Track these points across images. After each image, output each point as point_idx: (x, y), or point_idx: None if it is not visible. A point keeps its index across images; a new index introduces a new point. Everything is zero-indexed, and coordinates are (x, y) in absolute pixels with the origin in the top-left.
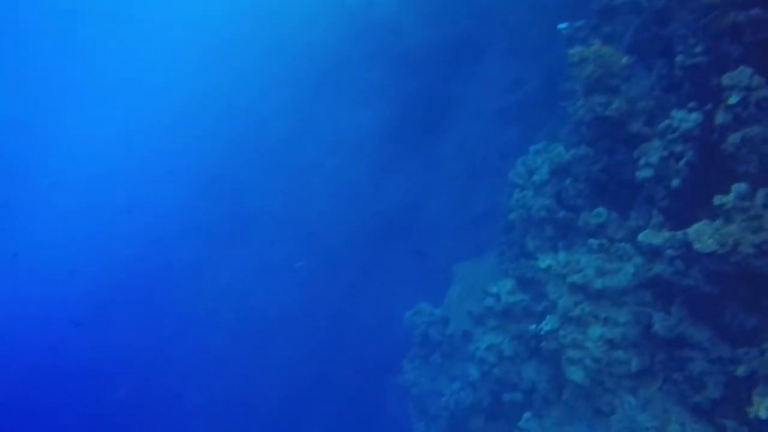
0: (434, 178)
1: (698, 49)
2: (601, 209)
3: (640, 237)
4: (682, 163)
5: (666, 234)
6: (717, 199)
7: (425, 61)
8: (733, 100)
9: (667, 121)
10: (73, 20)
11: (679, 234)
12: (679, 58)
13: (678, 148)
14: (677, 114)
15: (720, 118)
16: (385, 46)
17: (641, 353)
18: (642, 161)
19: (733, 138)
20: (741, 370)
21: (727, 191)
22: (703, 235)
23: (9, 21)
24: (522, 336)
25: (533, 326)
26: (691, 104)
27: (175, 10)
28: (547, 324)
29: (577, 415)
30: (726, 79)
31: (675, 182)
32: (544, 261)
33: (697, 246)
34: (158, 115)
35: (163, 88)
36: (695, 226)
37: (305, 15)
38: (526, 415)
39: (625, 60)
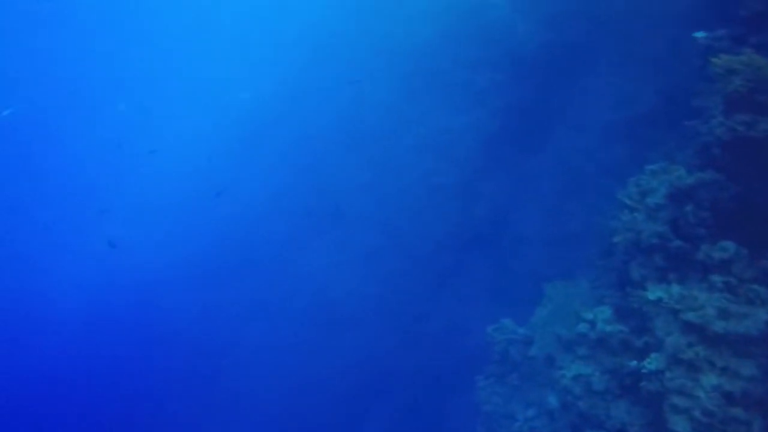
0: (527, 192)
1: None
2: (728, 243)
3: None
4: None
5: None
6: None
7: (532, 68)
8: None
9: None
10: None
11: None
12: None
13: None
14: None
15: None
16: (492, 51)
17: (767, 415)
18: None
19: None
20: None
21: None
22: None
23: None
24: (616, 370)
25: (633, 362)
26: None
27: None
28: (651, 363)
29: None
30: None
31: None
32: (654, 292)
33: None
34: (260, 101)
35: (267, 77)
36: None
37: (415, 13)
38: None
39: None
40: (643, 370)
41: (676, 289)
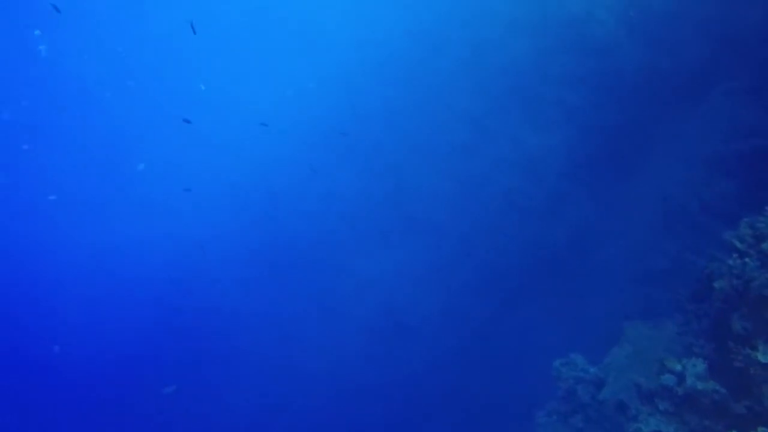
0: (615, 221)
1: None
2: None
3: None
4: None
5: None
6: None
7: (634, 90)
8: None
9: None
10: None
11: None
12: None
13: None
14: None
15: None
16: (590, 67)
17: None
18: None
19: None
20: None
21: None
22: None
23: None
24: None
25: None
26: None
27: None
28: None
29: None
30: None
31: None
32: (767, 354)
33: None
34: (340, 101)
35: (363, 85)
36: None
37: (510, 23)
38: None
39: None
40: None
41: None
